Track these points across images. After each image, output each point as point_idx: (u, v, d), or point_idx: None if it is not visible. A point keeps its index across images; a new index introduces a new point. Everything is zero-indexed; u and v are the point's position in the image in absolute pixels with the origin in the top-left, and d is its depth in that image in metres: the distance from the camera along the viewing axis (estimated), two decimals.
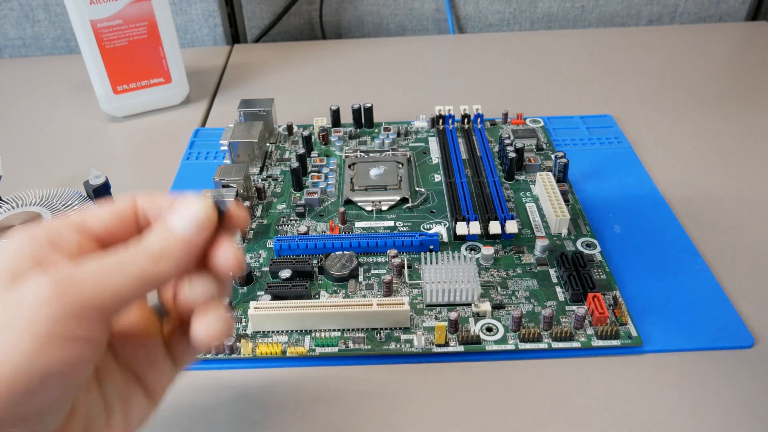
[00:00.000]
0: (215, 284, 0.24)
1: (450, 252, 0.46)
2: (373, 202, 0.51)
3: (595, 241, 0.46)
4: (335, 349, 0.39)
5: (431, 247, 0.46)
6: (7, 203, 0.48)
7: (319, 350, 0.39)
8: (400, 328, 0.40)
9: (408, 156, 0.56)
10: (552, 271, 0.44)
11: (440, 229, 0.48)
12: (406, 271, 0.44)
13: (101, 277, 0.21)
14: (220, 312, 0.24)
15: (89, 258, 0.22)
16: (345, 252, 0.45)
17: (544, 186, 0.50)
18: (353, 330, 0.40)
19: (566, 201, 0.50)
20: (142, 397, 0.25)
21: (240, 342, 0.38)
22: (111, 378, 0.24)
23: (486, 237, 0.47)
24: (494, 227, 0.46)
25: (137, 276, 0.22)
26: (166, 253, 0.22)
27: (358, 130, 0.61)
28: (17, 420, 0.20)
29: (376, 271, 0.44)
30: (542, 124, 0.61)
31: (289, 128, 0.61)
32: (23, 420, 0.20)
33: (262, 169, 0.56)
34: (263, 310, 0.39)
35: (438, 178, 0.54)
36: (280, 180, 0.55)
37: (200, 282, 0.24)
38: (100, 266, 0.21)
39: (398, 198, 0.51)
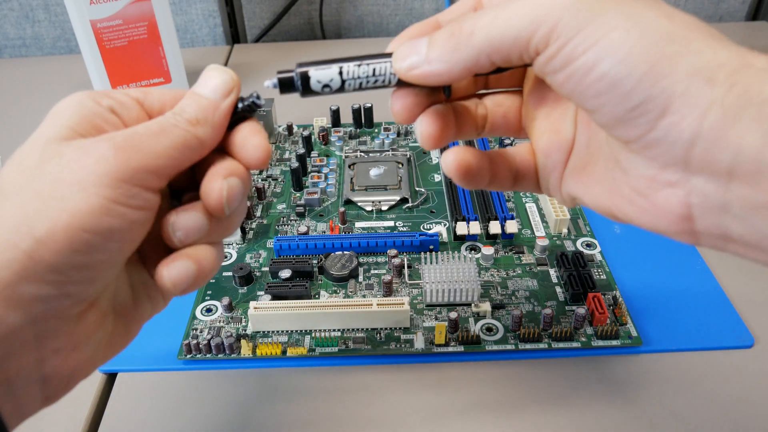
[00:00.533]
0: (207, 220, 0.24)
1: (450, 252, 0.46)
2: (373, 202, 0.51)
3: (595, 241, 0.46)
4: (335, 349, 0.39)
5: (431, 247, 0.46)
6: None
7: (319, 350, 0.39)
8: (400, 328, 0.40)
9: (408, 156, 0.56)
10: (552, 271, 0.44)
11: (440, 229, 0.48)
12: (406, 271, 0.44)
13: (151, 140, 0.22)
14: (186, 262, 0.24)
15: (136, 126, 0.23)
16: (345, 252, 0.45)
17: None
18: (353, 330, 0.40)
19: None
20: (157, 292, 0.27)
21: (240, 342, 0.38)
22: (135, 266, 0.26)
23: (486, 237, 0.47)
24: (494, 227, 0.46)
25: (182, 138, 0.23)
26: (202, 118, 0.24)
27: (358, 130, 0.61)
28: (74, 273, 0.21)
29: (376, 271, 0.44)
30: None
31: (289, 128, 0.61)
32: (79, 275, 0.21)
33: (262, 169, 0.56)
34: (263, 310, 0.39)
35: (438, 178, 0.54)
36: (280, 180, 0.55)
37: (190, 216, 0.24)
38: (148, 130, 0.23)
39: (398, 198, 0.51)
